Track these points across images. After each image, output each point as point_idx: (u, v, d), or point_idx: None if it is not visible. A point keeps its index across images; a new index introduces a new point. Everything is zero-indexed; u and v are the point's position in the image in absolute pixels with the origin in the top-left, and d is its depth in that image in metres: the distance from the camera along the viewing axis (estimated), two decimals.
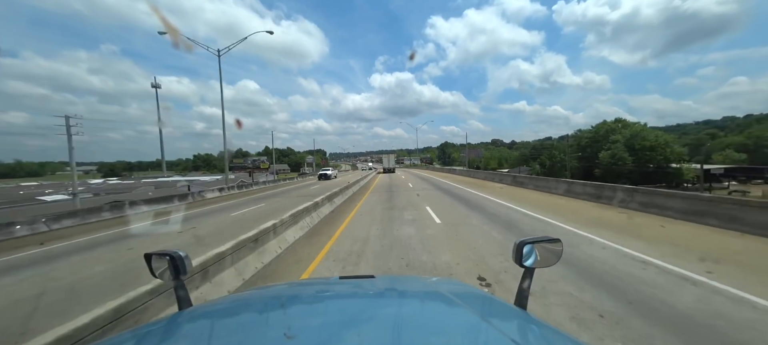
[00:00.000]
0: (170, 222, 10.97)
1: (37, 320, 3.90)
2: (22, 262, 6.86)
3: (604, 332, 2.91)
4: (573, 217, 8.53)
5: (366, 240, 6.74)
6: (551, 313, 3.29)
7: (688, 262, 4.65)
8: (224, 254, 4.16)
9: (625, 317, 3.17)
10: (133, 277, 5.02)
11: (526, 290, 1.20)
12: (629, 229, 6.94)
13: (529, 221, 8.30)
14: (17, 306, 4.39)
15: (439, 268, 4.91)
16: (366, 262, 5.30)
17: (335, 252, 5.95)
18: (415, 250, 5.80)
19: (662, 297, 3.59)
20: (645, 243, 5.74)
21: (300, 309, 1.13)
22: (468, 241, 6.36)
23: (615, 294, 3.71)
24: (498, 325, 0.91)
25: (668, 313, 3.24)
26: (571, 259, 4.90)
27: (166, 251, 1.24)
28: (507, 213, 9.53)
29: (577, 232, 6.80)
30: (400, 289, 1.46)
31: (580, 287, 3.91)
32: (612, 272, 4.41)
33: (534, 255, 1.25)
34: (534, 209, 10.01)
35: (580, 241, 6.06)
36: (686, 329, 2.93)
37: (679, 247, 5.47)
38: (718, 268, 4.40)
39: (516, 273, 4.29)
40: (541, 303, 3.50)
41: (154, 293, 2.77)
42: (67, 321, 2.11)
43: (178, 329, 0.97)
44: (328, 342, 0.77)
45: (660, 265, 4.62)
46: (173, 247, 1.31)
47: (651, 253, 5.11)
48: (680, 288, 3.83)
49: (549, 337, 0.90)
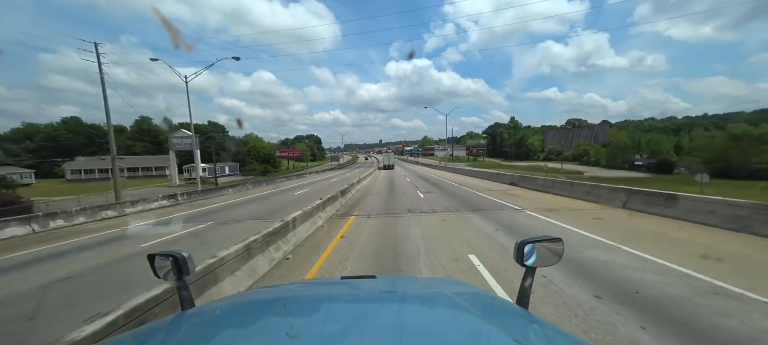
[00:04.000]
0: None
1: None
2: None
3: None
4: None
5: None
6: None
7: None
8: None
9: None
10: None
11: (528, 289, 1.19)
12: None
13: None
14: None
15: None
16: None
17: None
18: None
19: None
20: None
21: (302, 309, 1.13)
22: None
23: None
24: (500, 326, 0.90)
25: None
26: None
27: (169, 252, 1.27)
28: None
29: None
30: (402, 290, 1.44)
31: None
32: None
33: (535, 255, 1.24)
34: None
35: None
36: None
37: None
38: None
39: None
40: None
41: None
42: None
43: (180, 329, 0.97)
44: (331, 342, 0.77)
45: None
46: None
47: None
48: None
49: (551, 336, 0.89)
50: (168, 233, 9.70)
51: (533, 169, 44.88)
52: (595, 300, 3.72)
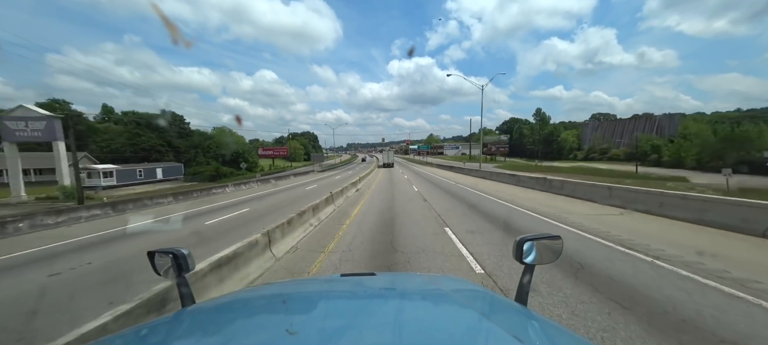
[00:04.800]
0: None
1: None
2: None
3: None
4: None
5: None
6: None
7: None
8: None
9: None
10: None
11: (527, 286, 1.19)
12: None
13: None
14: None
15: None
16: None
17: None
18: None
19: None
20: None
21: (302, 306, 1.13)
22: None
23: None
24: (499, 322, 0.89)
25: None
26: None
27: (169, 249, 1.25)
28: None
29: None
30: (401, 287, 1.44)
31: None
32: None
33: (534, 252, 1.23)
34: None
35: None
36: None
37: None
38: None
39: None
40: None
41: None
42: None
43: (181, 326, 0.98)
44: (330, 339, 0.77)
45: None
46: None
47: None
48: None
49: (550, 333, 0.89)
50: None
51: (593, 172, 31.54)
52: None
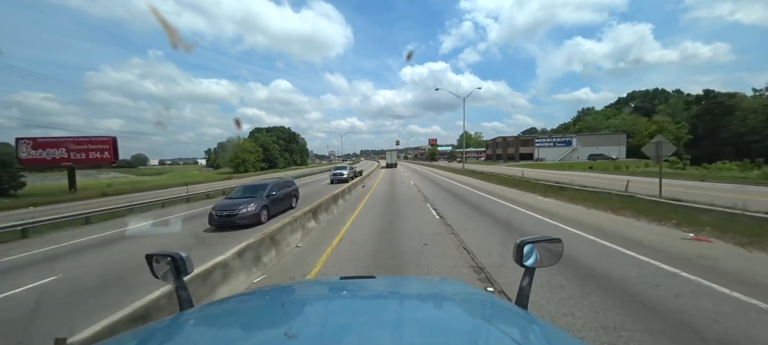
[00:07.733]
0: None
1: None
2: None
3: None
4: None
5: None
6: None
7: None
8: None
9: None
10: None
11: (527, 289, 1.17)
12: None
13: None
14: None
15: None
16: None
17: None
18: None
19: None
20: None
21: (301, 309, 1.13)
22: None
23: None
24: (499, 326, 0.88)
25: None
26: None
27: (167, 252, 1.24)
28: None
29: None
30: (400, 290, 1.43)
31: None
32: None
33: (534, 255, 1.21)
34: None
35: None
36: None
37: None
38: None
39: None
40: None
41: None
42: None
43: (180, 330, 0.96)
44: (329, 342, 0.77)
45: None
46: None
47: None
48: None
49: (550, 336, 0.88)
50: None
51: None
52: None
